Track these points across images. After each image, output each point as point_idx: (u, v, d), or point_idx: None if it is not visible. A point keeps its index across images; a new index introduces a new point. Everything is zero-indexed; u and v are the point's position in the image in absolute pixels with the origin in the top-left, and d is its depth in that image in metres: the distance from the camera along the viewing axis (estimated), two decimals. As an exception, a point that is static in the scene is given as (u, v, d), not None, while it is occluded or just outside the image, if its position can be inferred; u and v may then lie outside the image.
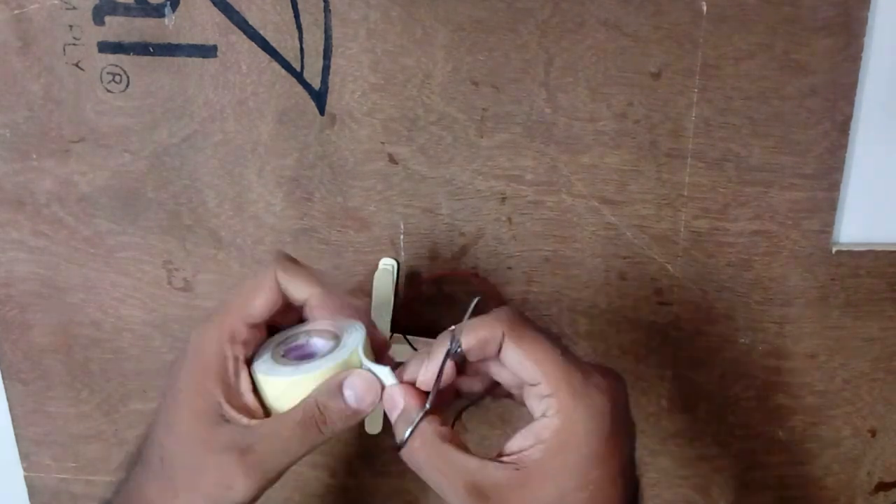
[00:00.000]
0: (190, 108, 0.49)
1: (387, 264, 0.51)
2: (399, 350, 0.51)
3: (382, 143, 0.49)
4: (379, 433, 0.53)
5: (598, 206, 0.50)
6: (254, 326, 0.38)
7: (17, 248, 0.52)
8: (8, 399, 0.56)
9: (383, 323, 0.50)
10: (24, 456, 0.57)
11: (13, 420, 0.56)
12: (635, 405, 0.53)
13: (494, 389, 0.39)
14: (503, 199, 0.50)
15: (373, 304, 0.50)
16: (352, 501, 0.57)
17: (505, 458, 0.34)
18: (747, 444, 0.54)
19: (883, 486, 0.55)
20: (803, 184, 0.49)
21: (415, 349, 0.51)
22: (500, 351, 0.35)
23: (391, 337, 0.50)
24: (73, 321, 0.54)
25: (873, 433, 0.54)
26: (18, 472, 0.58)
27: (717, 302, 0.51)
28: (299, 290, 0.38)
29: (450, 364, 0.35)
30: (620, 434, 0.34)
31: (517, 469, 0.34)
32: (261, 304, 0.38)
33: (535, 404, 0.35)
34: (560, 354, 0.35)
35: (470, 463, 0.34)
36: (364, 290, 0.51)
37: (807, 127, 0.48)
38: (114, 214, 0.51)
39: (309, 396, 0.36)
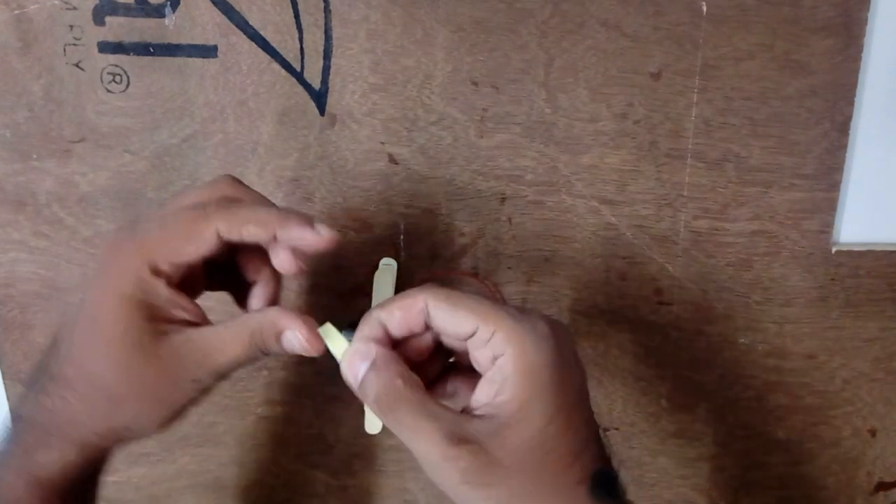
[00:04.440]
0: (190, 108, 0.49)
1: (387, 264, 0.51)
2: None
3: (382, 143, 0.49)
4: (379, 433, 0.53)
5: (597, 206, 0.50)
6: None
7: (18, 248, 0.52)
8: (8, 399, 0.56)
9: None
10: (25, 456, 0.57)
11: (14, 420, 0.57)
12: (635, 405, 0.54)
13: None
14: (503, 200, 0.50)
15: (373, 303, 0.50)
16: (352, 501, 0.57)
17: (477, 412, 0.34)
18: (747, 444, 0.54)
19: (883, 486, 0.55)
20: (803, 184, 0.49)
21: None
22: (427, 320, 0.35)
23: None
24: (74, 321, 0.54)
25: (873, 433, 0.54)
26: (19, 472, 0.58)
27: (716, 302, 0.51)
28: (250, 234, 0.36)
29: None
30: (570, 366, 0.34)
31: (491, 418, 0.33)
32: (192, 252, 0.36)
33: (482, 354, 0.34)
34: (488, 300, 0.34)
35: (447, 414, 0.33)
36: (364, 291, 0.51)
37: (807, 127, 0.48)
38: (114, 215, 0.51)
39: (256, 327, 0.37)
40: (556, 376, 0.33)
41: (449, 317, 0.34)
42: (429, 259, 0.51)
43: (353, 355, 0.35)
